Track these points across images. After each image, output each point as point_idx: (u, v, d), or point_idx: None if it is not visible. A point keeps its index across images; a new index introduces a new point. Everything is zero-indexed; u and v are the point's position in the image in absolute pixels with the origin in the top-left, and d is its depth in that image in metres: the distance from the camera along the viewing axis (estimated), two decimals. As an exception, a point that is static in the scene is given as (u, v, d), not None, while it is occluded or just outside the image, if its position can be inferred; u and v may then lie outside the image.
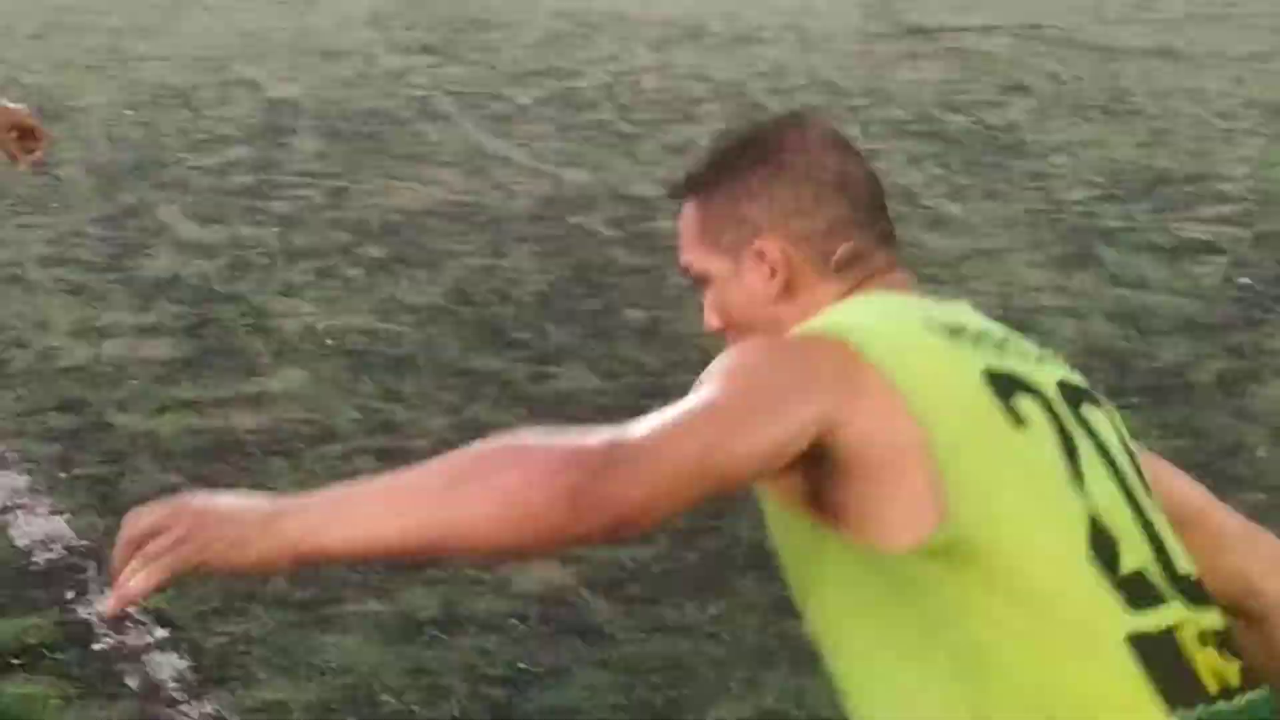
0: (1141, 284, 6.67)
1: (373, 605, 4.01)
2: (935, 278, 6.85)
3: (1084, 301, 6.51)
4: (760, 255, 1.88)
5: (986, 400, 1.74)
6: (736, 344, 1.84)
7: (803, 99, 9.85)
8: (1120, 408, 6.20)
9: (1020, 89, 10.56)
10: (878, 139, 9.05)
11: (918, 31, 12.77)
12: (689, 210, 1.95)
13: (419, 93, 10.22)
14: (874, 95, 10.18)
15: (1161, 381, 5.60)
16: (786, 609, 4.10)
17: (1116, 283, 6.71)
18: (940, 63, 11.50)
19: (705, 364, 1.74)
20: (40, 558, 4.20)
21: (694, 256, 1.94)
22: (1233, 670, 1.75)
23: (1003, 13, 13.47)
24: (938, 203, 7.91)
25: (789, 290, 1.87)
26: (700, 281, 1.94)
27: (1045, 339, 6.09)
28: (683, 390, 1.71)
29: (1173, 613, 1.73)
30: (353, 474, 4.68)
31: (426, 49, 11.80)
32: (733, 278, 1.90)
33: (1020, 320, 6.37)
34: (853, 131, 9.22)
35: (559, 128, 9.29)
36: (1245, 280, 6.76)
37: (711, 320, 1.94)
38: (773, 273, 1.87)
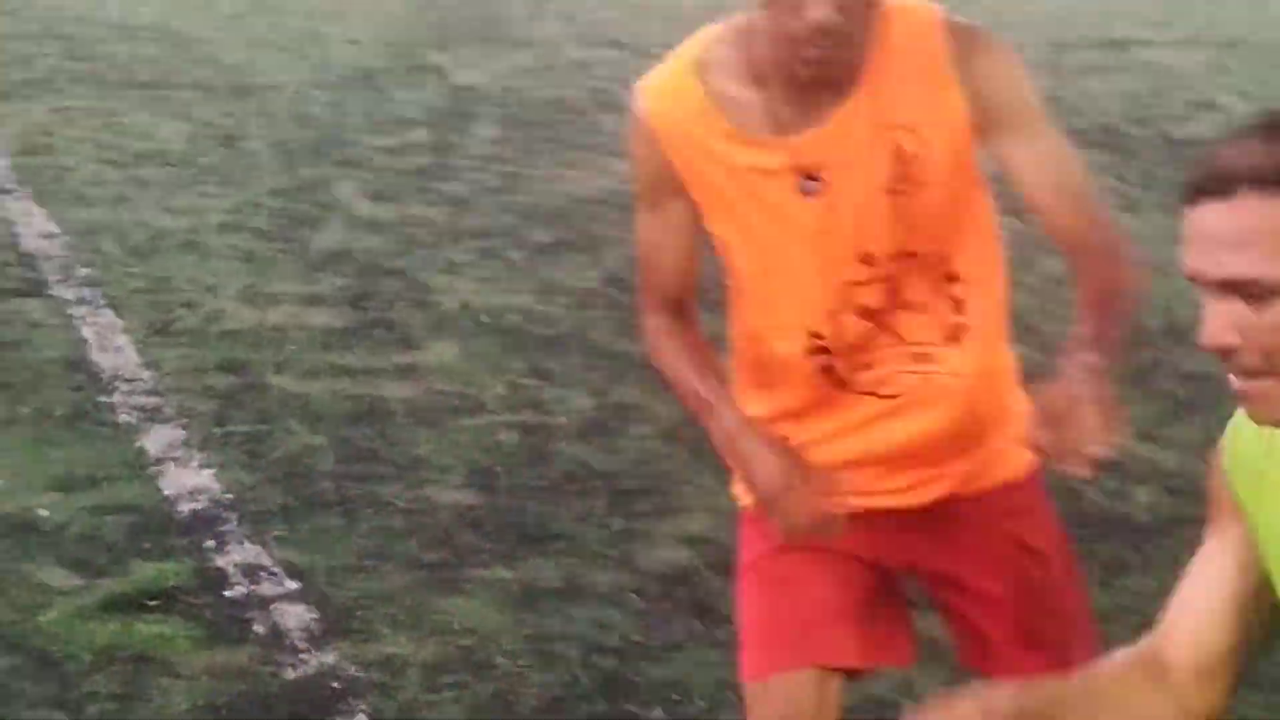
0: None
1: (499, 572, 4.08)
2: (1099, 287, 6.76)
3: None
4: None
5: None
6: None
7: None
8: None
9: (1209, 105, 10.35)
10: (1055, 148, 8.95)
11: (1109, 44, 12.57)
12: (1261, 209, 1.56)
13: (600, 84, 10.32)
14: (1057, 104, 10.03)
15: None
16: (911, 603, 4.10)
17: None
18: (1130, 75, 11.32)
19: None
20: (185, 508, 4.34)
21: (1267, 266, 1.57)
22: None
23: (1201, 27, 13.21)
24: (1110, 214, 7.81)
25: None
26: (1253, 295, 1.58)
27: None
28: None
29: None
30: (495, 447, 4.81)
31: (613, 42, 11.91)
32: None
33: (1185, 331, 6.26)
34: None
35: (734, 124, 9.32)
36: None
37: (1231, 338, 1.60)
38: None
